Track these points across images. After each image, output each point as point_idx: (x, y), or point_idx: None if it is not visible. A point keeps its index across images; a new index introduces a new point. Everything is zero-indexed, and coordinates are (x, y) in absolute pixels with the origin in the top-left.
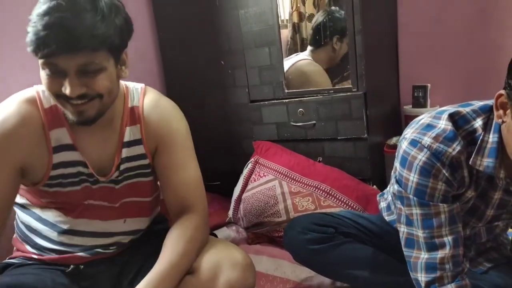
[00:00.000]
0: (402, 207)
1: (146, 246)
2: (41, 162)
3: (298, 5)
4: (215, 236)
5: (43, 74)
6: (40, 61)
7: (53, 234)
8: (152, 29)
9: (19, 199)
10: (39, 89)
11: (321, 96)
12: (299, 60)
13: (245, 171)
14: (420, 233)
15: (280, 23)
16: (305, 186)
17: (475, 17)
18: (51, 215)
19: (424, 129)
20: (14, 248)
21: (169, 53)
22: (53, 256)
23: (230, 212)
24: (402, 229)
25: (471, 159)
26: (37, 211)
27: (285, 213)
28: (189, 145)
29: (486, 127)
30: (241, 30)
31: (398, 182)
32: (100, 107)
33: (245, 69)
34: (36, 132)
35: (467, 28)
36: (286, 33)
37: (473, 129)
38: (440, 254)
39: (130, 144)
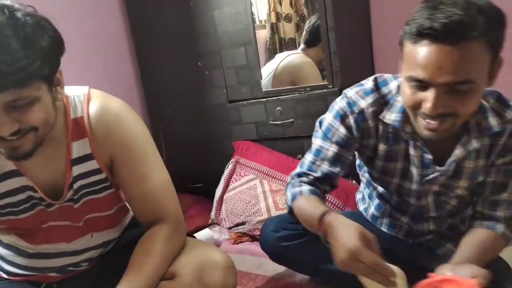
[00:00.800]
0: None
1: (120, 256)
2: None
3: (275, 5)
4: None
5: None
6: None
7: (18, 259)
8: (127, 33)
9: None
10: None
11: (298, 94)
12: (290, 54)
13: (226, 172)
14: (308, 157)
15: (256, 23)
16: (286, 184)
17: None
18: (13, 241)
19: (356, 86)
20: None
21: (146, 56)
22: (23, 278)
23: (213, 213)
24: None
25: (382, 113)
26: None
27: (267, 211)
28: (149, 150)
29: (399, 89)
30: (216, 31)
31: (320, 122)
32: (37, 140)
33: (222, 70)
34: None
35: None
36: (264, 33)
37: (388, 90)
38: (311, 177)
39: (81, 160)
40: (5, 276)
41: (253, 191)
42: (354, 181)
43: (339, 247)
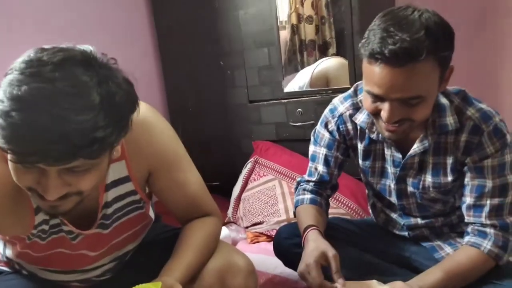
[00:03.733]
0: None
1: (143, 258)
2: (22, 223)
3: (297, 6)
4: None
5: (11, 164)
6: (9, 156)
7: (38, 272)
8: (151, 29)
9: None
10: None
11: (320, 96)
12: (327, 58)
13: (245, 171)
14: (309, 164)
15: (278, 24)
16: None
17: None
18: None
19: (343, 94)
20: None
21: (169, 53)
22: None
23: (230, 212)
24: None
25: (355, 115)
26: (13, 254)
27: (285, 212)
28: (183, 153)
29: None
30: (240, 31)
31: (313, 131)
32: (78, 200)
33: (244, 70)
34: (15, 194)
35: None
36: (284, 34)
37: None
38: (311, 183)
39: (115, 184)
40: (26, 272)
41: (272, 191)
42: None
43: (301, 261)
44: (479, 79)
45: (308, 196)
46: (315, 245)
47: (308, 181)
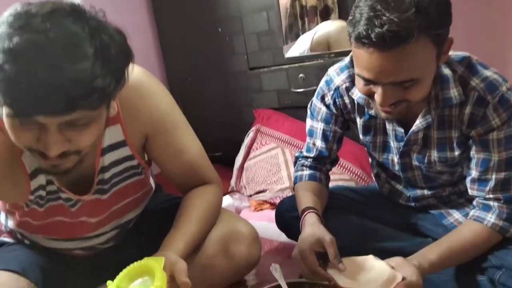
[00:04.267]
0: None
1: (145, 227)
2: (18, 189)
3: None
4: None
5: (9, 122)
6: (6, 111)
7: (40, 240)
8: (146, 0)
9: None
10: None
11: (322, 61)
12: (327, 22)
13: (247, 140)
14: (306, 139)
15: None
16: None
17: None
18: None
19: (339, 62)
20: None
21: (165, 23)
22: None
23: (233, 181)
24: None
25: (352, 90)
26: (15, 224)
27: (288, 179)
28: (179, 120)
29: None
30: None
31: (310, 103)
32: (78, 160)
33: (243, 36)
34: (8, 159)
35: None
36: (284, 1)
37: None
38: (310, 159)
39: (111, 148)
40: (28, 242)
41: (275, 159)
42: None
43: (297, 244)
44: (499, 39)
45: (307, 172)
46: (311, 231)
47: (307, 157)
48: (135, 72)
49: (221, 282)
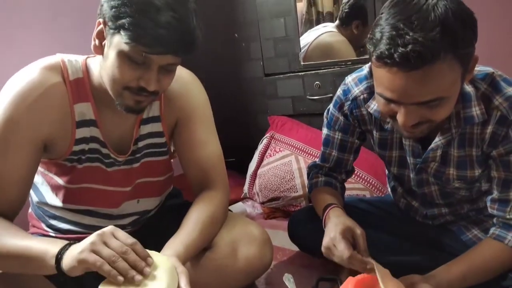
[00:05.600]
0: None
1: (160, 222)
2: (64, 137)
3: None
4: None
5: (119, 62)
6: (126, 49)
7: (67, 215)
8: None
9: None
10: (65, 58)
11: (339, 68)
12: (323, 33)
13: (261, 147)
14: (322, 148)
15: None
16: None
17: None
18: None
19: (356, 71)
20: (30, 223)
21: None
22: (70, 235)
23: (246, 188)
24: None
25: (368, 102)
26: (50, 190)
27: (302, 188)
28: (210, 119)
29: None
30: (255, 1)
31: (327, 111)
32: (152, 100)
33: (260, 41)
34: (60, 105)
35: None
36: (301, 6)
37: None
38: (325, 168)
39: (149, 121)
40: (52, 234)
41: (288, 167)
42: None
43: (325, 235)
44: None
45: (322, 178)
46: (340, 220)
47: (322, 167)
48: (185, 71)
49: (234, 284)
